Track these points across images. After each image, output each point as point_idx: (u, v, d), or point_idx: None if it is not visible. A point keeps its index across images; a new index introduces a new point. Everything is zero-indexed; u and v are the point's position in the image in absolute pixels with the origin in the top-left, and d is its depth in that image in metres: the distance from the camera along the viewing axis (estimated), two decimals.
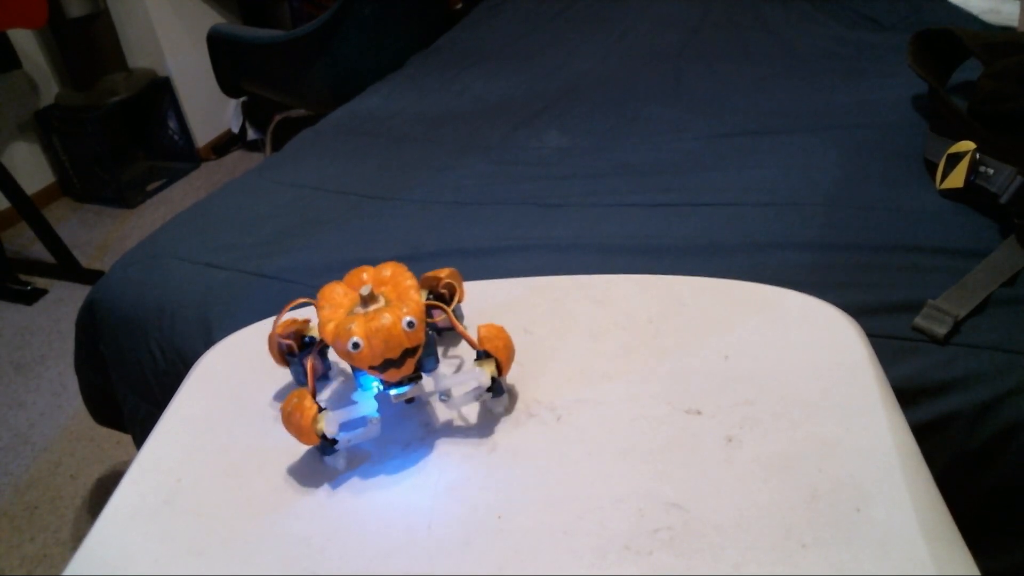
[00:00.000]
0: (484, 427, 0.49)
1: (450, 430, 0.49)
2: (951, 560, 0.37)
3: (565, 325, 0.58)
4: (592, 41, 1.88)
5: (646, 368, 0.52)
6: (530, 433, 0.48)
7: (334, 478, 0.47)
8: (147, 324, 1.05)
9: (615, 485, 0.43)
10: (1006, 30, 1.53)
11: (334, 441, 0.46)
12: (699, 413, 0.47)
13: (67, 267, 2.28)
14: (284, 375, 0.57)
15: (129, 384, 1.12)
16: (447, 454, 0.48)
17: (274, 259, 1.08)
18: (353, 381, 0.54)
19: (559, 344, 0.56)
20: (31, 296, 2.20)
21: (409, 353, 0.45)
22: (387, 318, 0.44)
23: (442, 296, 0.56)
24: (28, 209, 2.20)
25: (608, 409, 0.49)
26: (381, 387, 0.48)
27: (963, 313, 0.80)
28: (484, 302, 0.62)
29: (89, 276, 2.26)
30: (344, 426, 0.47)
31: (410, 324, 0.44)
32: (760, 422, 0.46)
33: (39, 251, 2.34)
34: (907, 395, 0.76)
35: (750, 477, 0.42)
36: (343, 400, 0.54)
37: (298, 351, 0.53)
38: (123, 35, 2.73)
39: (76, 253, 2.31)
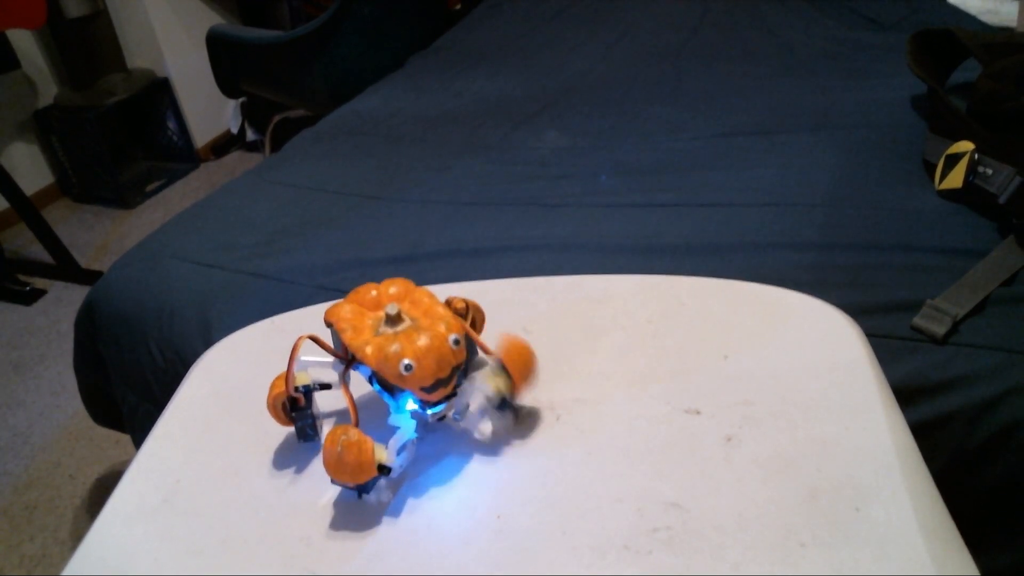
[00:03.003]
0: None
1: (448, 430, 0.49)
2: (950, 559, 0.37)
3: (564, 325, 0.58)
4: (591, 41, 1.88)
5: (645, 368, 0.52)
6: (529, 433, 0.48)
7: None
8: (146, 324, 1.05)
9: (614, 485, 0.43)
10: (1005, 30, 1.53)
11: (386, 471, 0.44)
12: (698, 413, 0.48)
13: (66, 267, 2.28)
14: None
15: (128, 384, 1.12)
16: (446, 454, 0.48)
17: (273, 259, 1.08)
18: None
19: (558, 344, 0.56)
20: (30, 297, 2.20)
21: (456, 370, 0.44)
22: (431, 337, 0.42)
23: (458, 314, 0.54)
24: (27, 210, 2.20)
25: (607, 409, 0.49)
26: (419, 408, 0.45)
27: (962, 313, 0.80)
28: (484, 302, 0.62)
29: (88, 276, 2.26)
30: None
31: (456, 342, 0.43)
32: (759, 422, 0.46)
33: (38, 252, 2.34)
34: (906, 394, 0.76)
35: (749, 477, 0.42)
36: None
37: (303, 404, 0.49)
38: (122, 35, 2.73)
39: (75, 253, 2.31)
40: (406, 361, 0.42)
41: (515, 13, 2.13)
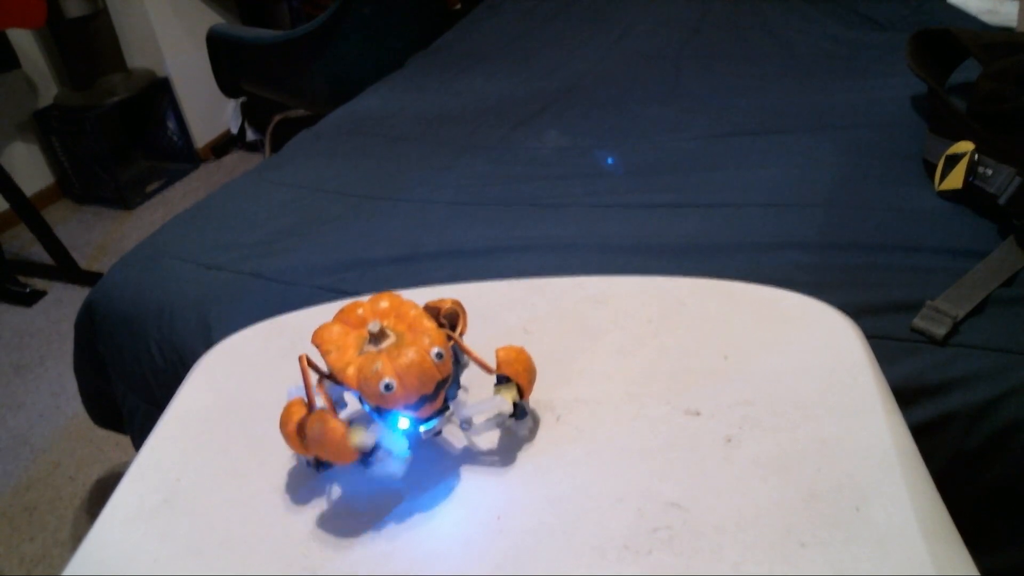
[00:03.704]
0: (483, 428, 0.49)
1: (448, 431, 0.49)
2: (950, 559, 0.37)
3: (564, 325, 0.58)
4: (591, 41, 1.88)
5: (646, 368, 0.52)
6: (529, 433, 0.48)
7: (333, 479, 0.47)
8: (146, 325, 1.05)
9: (614, 485, 0.43)
10: (1005, 30, 1.53)
11: (373, 451, 0.43)
12: (698, 413, 0.48)
13: (66, 268, 2.28)
14: (284, 376, 0.57)
15: (128, 385, 1.12)
16: (446, 455, 0.48)
17: (273, 260, 1.08)
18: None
19: (559, 344, 0.56)
20: (30, 298, 2.20)
21: (441, 385, 0.43)
22: (413, 353, 0.41)
23: (443, 326, 0.54)
24: (27, 210, 2.20)
25: (607, 409, 0.49)
26: (411, 425, 0.44)
27: (962, 314, 0.80)
28: (484, 302, 0.62)
29: (88, 277, 2.26)
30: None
31: (439, 355, 0.42)
32: (759, 422, 0.46)
33: (38, 252, 2.34)
34: (906, 395, 0.76)
35: (749, 477, 0.42)
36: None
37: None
38: (122, 35, 2.73)
39: (75, 254, 2.31)
40: (386, 381, 0.40)
41: (515, 13, 2.13)
